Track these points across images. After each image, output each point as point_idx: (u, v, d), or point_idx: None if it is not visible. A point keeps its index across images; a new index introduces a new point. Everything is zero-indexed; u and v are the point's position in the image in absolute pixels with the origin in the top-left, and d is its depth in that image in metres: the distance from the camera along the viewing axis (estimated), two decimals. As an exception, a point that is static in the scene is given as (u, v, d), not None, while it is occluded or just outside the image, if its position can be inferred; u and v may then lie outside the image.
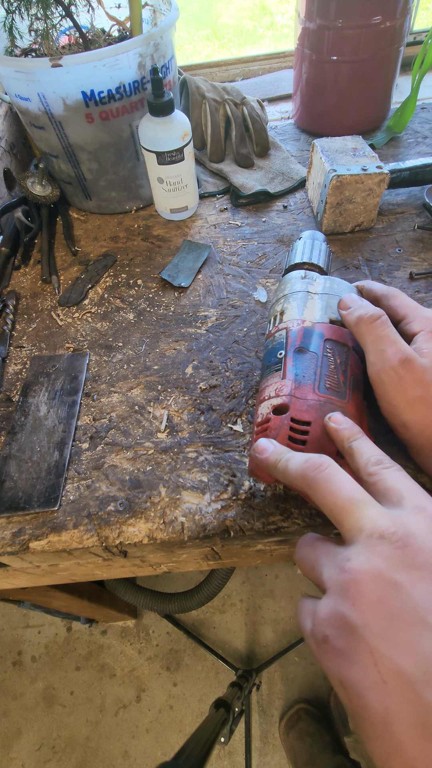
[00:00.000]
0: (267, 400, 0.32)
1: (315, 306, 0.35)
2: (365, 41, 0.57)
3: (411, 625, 0.15)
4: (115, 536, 0.34)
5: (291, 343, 0.33)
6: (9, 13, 0.49)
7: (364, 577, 0.17)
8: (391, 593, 0.16)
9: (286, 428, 0.29)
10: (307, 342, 0.33)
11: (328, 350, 0.32)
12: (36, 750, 0.99)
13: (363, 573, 0.17)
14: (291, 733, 0.93)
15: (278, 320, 0.36)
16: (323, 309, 0.35)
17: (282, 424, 0.29)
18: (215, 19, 2.14)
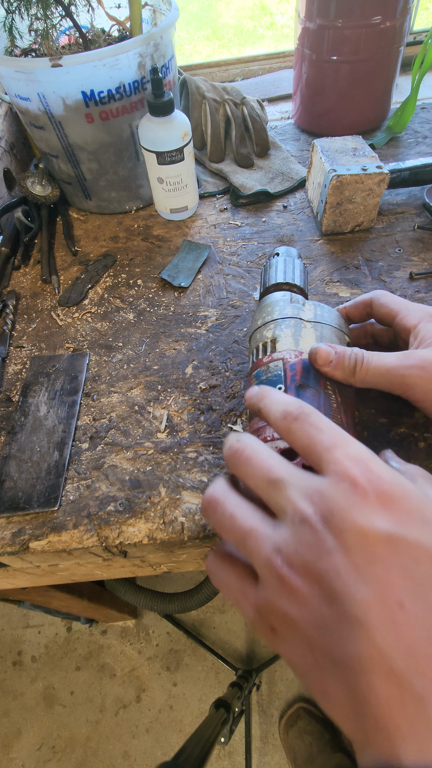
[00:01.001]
0: (270, 441, 0.28)
1: (309, 336, 0.33)
2: (365, 41, 0.57)
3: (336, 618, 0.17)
4: (115, 536, 0.34)
5: (290, 377, 0.30)
6: (9, 13, 0.49)
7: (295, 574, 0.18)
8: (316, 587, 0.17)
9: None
10: (306, 377, 0.30)
11: (328, 387, 0.30)
12: (36, 750, 0.99)
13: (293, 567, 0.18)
14: (290, 731, 0.93)
15: (270, 348, 0.33)
16: (318, 340, 0.32)
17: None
18: (215, 19, 2.14)
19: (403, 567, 0.17)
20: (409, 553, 0.17)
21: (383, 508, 0.18)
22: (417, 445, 0.36)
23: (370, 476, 0.18)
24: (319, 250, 0.53)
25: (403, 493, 0.18)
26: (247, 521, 0.20)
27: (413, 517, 0.18)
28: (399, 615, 0.16)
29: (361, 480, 0.18)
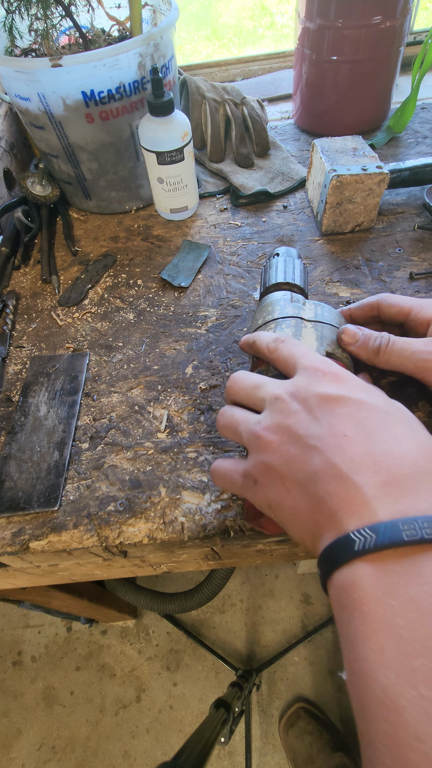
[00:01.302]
0: None
1: (310, 336, 0.33)
2: (365, 41, 0.57)
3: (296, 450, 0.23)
4: (115, 536, 0.34)
5: None
6: (9, 13, 0.49)
7: (269, 431, 0.24)
8: (285, 435, 0.23)
9: None
10: None
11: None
12: (36, 750, 0.99)
13: (268, 429, 0.24)
14: (290, 731, 0.93)
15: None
16: (319, 340, 0.32)
17: None
18: (215, 19, 2.14)
19: (348, 413, 0.23)
20: (353, 405, 0.23)
21: (336, 382, 0.25)
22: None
23: (328, 366, 0.26)
24: (319, 250, 0.53)
25: (351, 376, 0.26)
26: (240, 415, 0.27)
27: (357, 386, 0.25)
28: (344, 441, 0.22)
29: (320, 367, 0.26)
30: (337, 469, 0.21)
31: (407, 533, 0.17)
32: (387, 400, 0.24)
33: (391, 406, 0.24)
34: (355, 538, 0.18)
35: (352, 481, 0.20)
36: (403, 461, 0.20)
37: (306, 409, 0.23)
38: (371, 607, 0.17)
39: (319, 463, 0.21)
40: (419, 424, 0.23)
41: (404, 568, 0.17)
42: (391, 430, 0.22)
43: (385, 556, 0.18)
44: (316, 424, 0.23)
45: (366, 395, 0.24)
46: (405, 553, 0.17)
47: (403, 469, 0.20)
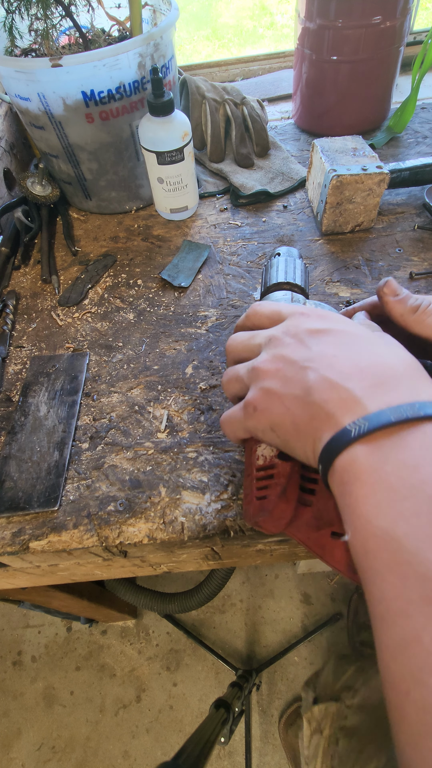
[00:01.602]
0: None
1: None
2: (365, 41, 0.57)
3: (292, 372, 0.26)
4: (115, 536, 0.34)
5: None
6: (9, 13, 0.49)
7: (266, 362, 0.27)
8: (281, 362, 0.26)
9: (297, 476, 0.28)
10: None
11: None
12: (36, 750, 0.99)
13: (265, 361, 0.27)
14: (290, 731, 0.93)
15: None
16: None
17: (292, 471, 0.27)
18: (215, 19, 2.14)
19: (334, 340, 0.26)
20: (338, 334, 0.26)
21: (321, 320, 0.28)
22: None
23: (313, 309, 0.29)
24: (319, 250, 0.53)
25: (334, 315, 0.29)
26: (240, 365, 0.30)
27: (340, 321, 0.28)
28: (333, 360, 0.25)
29: (306, 310, 0.29)
30: (329, 381, 0.24)
31: (393, 416, 0.21)
32: (366, 330, 0.28)
33: (372, 333, 0.27)
34: (350, 428, 0.21)
35: (343, 387, 0.23)
36: (386, 369, 0.24)
37: (298, 341, 0.27)
38: (368, 474, 0.20)
39: (313, 378, 0.24)
40: (398, 345, 0.27)
41: (393, 442, 0.20)
42: (373, 349, 0.25)
43: (377, 436, 0.21)
44: (308, 350, 0.26)
45: (349, 326, 0.27)
46: (393, 431, 0.21)
47: (385, 374, 0.23)
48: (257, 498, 0.28)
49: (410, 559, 0.18)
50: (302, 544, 0.27)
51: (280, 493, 0.27)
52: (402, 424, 0.21)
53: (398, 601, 0.18)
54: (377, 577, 0.19)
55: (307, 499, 0.27)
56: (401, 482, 0.19)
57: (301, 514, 0.27)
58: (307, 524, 0.27)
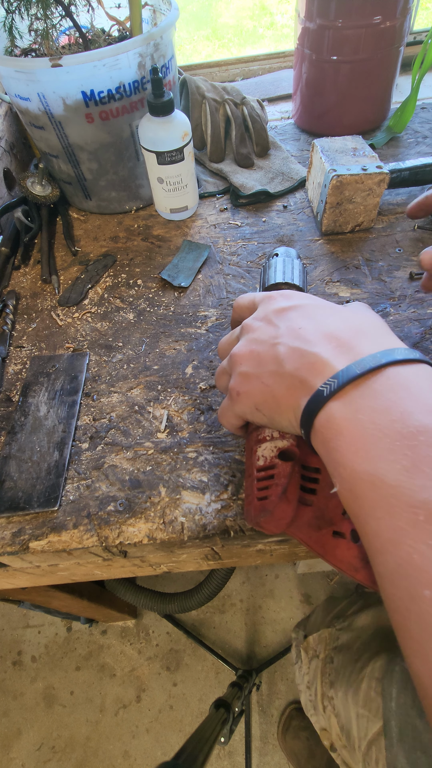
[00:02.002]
0: (268, 441, 0.29)
1: None
2: (365, 41, 0.57)
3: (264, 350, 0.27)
4: (115, 536, 0.34)
5: None
6: (9, 13, 0.49)
7: (241, 347, 0.29)
8: (253, 345, 0.28)
9: (297, 476, 0.28)
10: None
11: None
12: (36, 750, 0.99)
13: (239, 347, 0.29)
14: (287, 735, 0.93)
15: None
16: None
17: (293, 471, 0.27)
18: (215, 19, 2.14)
19: (298, 315, 0.28)
20: (301, 309, 0.28)
21: (286, 298, 0.30)
22: None
23: (280, 291, 0.31)
24: (319, 250, 0.53)
25: (300, 293, 0.31)
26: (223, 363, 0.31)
27: (306, 298, 0.30)
28: (299, 331, 0.27)
29: (272, 294, 0.31)
30: (298, 350, 0.25)
31: (358, 368, 0.22)
32: (331, 304, 0.30)
33: (334, 305, 0.29)
34: (322, 389, 0.23)
35: (311, 353, 0.25)
36: (347, 331, 0.26)
37: (266, 322, 0.29)
38: (345, 425, 0.22)
39: (283, 350, 0.26)
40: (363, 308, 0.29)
41: (362, 391, 0.22)
42: (335, 317, 0.27)
43: (347, 390, 0.22)
44: (276, 329, 0.28)
45: (311, 301, 0.29)
46: (360, 382, 0.22)
47: (347, 335, 0.25)
48: (258, 499, 0.28)
49: (393, 491, 0.19)
50: (303, 543, 0.27)
51: (281, 493, 0.27)
52: (367, 374, 0.22)
53: (388, 532, 0.19)
54: (368, 516, 0.20)
55: (308, 499, 0.27)
56: (375, 426, 0.21)
57: (302, 513, 0.27)
58: (309, 524, 0.27)
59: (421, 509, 0.18)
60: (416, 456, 0.19)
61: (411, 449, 0.19)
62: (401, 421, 0.20)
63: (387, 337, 0.26)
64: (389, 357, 0.22)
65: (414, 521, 0.18)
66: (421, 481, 0.19)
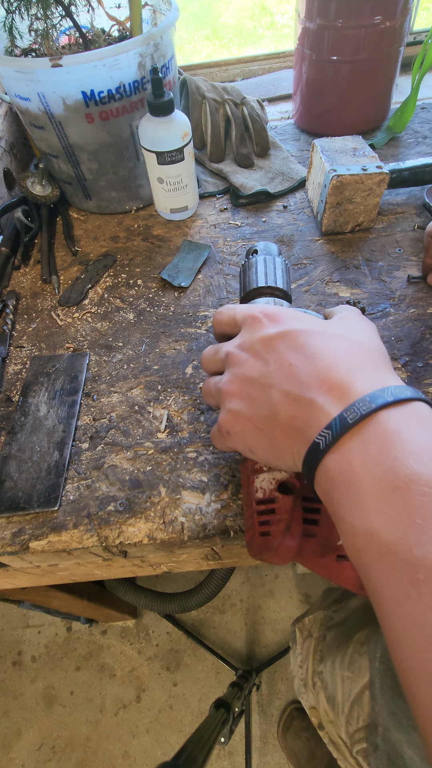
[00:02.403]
0: (266, 472, 0.28)
1: None
2: (365, 41, 0.57)
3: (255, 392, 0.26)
4: (115, 536, 0.34)
5: None
6: (9, 13, 0.49)
7: (228, 383, 0.28)
8: (242, 383, 0.27)
9: (299, 509, 0.27)
10: None
11: None
12: (36, 750, 0.99)
13: (227, 382, 0.28)
14: (288, 735, 0.93)
15: None
16: None
17: (295, 505, 0.27)
18: (215, 19, 2.14)
19: (288, 346, 0.26)
20: (290, 337, 0.27)
21: (272, 322, 0.28)
22: None
23: (261, 309, 0.29)
24: (319, 250, 0.53)
25: (284, 312, 0.29)
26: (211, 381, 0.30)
27: (292, 319, 0.28)
28: (291, 370, 0.25)
29: (256, 313, 0.29)
30: (292, 395, 0.25)
31: (350, 418, 0.22)
32: (320, 323, 0.28)
33: (324, 326, 0.28)
34: (318, 441, 0.23)
35: (306, 400, 0.24)
36: (340, 367, 0.24)
37: (254, 355, 0.27)
38: (341, 479, 0.22)
39: (276, 396, 0.25)
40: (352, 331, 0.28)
41: (355, 441, 0.21)
42: (326, 346, 0.26)
43: (342, 441, 0.22)
44: (265, 365, 0.26)
45: (300, 324, 0.28)
46: (353, 432, 0.22)
47: (340, 373, 0.24)
48: (260, 534, 0.27)
49: (390, 548, 0.19)
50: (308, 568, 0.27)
51: (284, 530, 0.26)
52: (360, 422, 0.22)
53: (390, 590, 0.19)
54: (370, 572, 0.20)
55: (312, 530, 0.27)
56: (368, 477, 0.20)
57: (306, 545, 0.27)
58: (313, 553, 0.27)
59: (420, 567, 0.18)
60: (410, 507, 0.19)
61: (404, 500, 0.19)
62: (393, 470, 0.20)
63: (380, 368, 0.25)
64: (380, 400, 0.22)
65: (414, 580, 0.18)
66: (416, 536, 0.18)
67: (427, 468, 0.19)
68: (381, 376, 0.24)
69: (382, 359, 0.26)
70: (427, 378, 0.40)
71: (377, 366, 0.25)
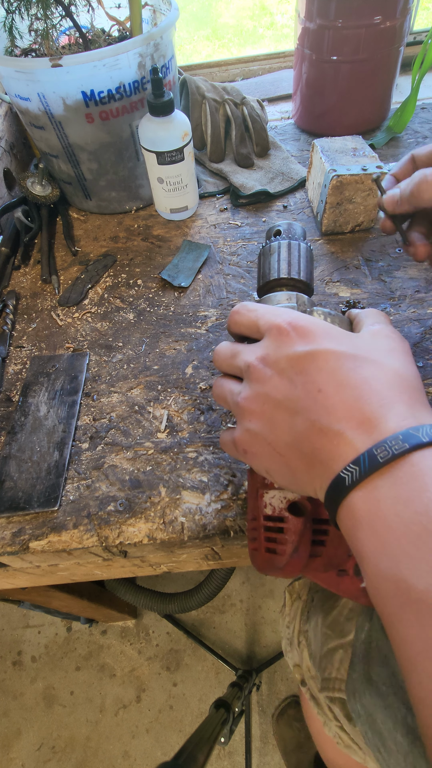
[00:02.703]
0: (277, 490, 0.27)
1: None
2: (365, 41, 0.57)
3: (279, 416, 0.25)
4: (115, 536, 0.34)
5: None
6: (9, 13, 0.49)
7: (249, 400, 0.26)
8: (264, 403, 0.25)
9: (309, 532, 0.26)
10: None
11: None
12: (36, 750, 0.99)
13: (248, 399, 0.26)
14: (281, 720, 0.93)
15: None
16: None
17: (305, 528, 0.26)
18: (215, 19, 2.14)
19: (318, 368, 0.24)
20: (321, 359, 0.24)
21: (301, 338, 0.25)
22: None
23: (289, 320, 0.26)
24: (319, 250, 0.53)
25: (314, 326, 0.26)
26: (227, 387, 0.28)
27: (323, 336, 0.25)
28: (319, 396, 0.23)
29: (283, 325, 0.26)
30: (318, 425, 0.23)
31: (381, 456, 0.20)
32: (353, 341, 0.26)
33: (358, 347, 0.25)
34: (344, 476, 0.21)
35: (333, 432, 0.22)
36: (372, 399, 0.23)
37: (278, 372, 0.25)
38: (367, 518, 0.21)
39: (301, 424, 0.24)
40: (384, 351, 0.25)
41: (385, 480, 0.20)
42: (359, 374, 0.24)
43: (371, 479, 0.21)
44: (292, 387, 0.24)
45: (333, 343, 0.25)
46: (384, 471, 0.20)
47: (372, 406, 0.22)
48: (267, 549, 0.27)
49: (420, 596, 0.18)
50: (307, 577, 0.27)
51: (292, 552, 0.26)
52: (392, 461, 0.20)
53: (419, 642, 0.18)
54: (396, 620, 0.19)
55: (318, 551, 0.27)
56: (398, 519, 0.19)
57: (311, 563, 0.27)
58: (315, 569, 0.27)
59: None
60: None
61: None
62: (426, 513, 0.19)
63: (414, 403, 0.23)
64: (414, 440, 0.20)
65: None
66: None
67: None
68: (416, 412, 0.22)
69: (416, 392, 0.24)
70: (428, 378, 0.40)
71: (412, 400, 0.23)
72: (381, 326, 0.28)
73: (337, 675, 0.43)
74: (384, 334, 0.27)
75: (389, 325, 0.29)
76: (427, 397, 0.25)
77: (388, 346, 0.26)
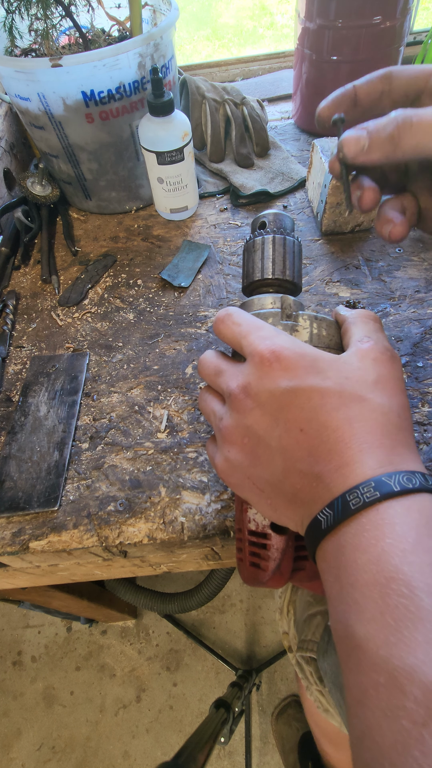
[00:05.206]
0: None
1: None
2: (365, 41, 0.57)
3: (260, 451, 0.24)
4: (115, 536, 0.34)
5: None
6: (9, 13, 0.49)
7: (230, 428, 0.25)
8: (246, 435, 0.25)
9: (291, 550, 0.26)
10: None
11: None
12: (36, 750, 0.99)
13: (230, 428, 0.25)
14: (280, 719, 0.93)
15: None
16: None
17: (288, 546, 0.26)
18: (215, 19, 2.14)
19: (300, 406, 0.23)
20: (304, 396, 0.23)
21: (284, 372, 0.24)
22: None
23: (273, 348, 0.25)
24: (319, 250, 0.53)
25: (299, 357, 0.24)
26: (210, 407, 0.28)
27: (307, 371, 0.24)
28: (300, 437, 0.23)
29: (266, 354, 0.25)
30: (298, 467, 0.23)
31: (353, 503, 0.21)
32: (339, 372, 0.24)
33: (343, 381, 0.24)
34: (321, 519, 0.22)
35: (313, 474, 0.23)
36: (352, 443, 0.22)
37: (259, 406, 0.24)
38: (331, 563, 0.21)
39: (281, 463, 0.24)
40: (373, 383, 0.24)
41: (351, 527, 0.21)
42: (343, 414, 0.23)
43: (341, 526, 0.21)
44: (273, 423, 0.24)
45: (317, 379, 0.24)
46: (352, 519, 0.21)
47: (351, 451, 0.22)
48: (251, 563, 0.27)
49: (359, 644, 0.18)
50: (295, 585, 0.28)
51: (275, 569, 0.26)
52: (362, 510, 0.20)
53: (355, 690, 0.18)
54: (343, 664, 0.19)
55: (302, 565, 0.27)
56: (353, 567, 0.20)
57: (294, 575, 0.27)
58: (300, 580, 0.27)
59: (382, 669, 0.17)
60: (385, 606, 0.18)
61: (382, 598, 0.18)
62: (377, 563, 0.19)
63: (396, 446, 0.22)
64: (386, 488, 0.20)
65: (375, 683, 0.17)
66: (385, 636, 0.17)
67: (410, 567, 0.18)
68: (395, 456, 0.22)
69: (401, 432, 0.23)
70: (427, 378, 0.40)
71: (394, 443, 0.23)
72: (370, 344, 0.26)
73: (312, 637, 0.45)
74: (373, 356, 0.25)
75: (380, 335, 0.27)
76: (413, 434, 0.25)
77: (376, 375, 0.25)
